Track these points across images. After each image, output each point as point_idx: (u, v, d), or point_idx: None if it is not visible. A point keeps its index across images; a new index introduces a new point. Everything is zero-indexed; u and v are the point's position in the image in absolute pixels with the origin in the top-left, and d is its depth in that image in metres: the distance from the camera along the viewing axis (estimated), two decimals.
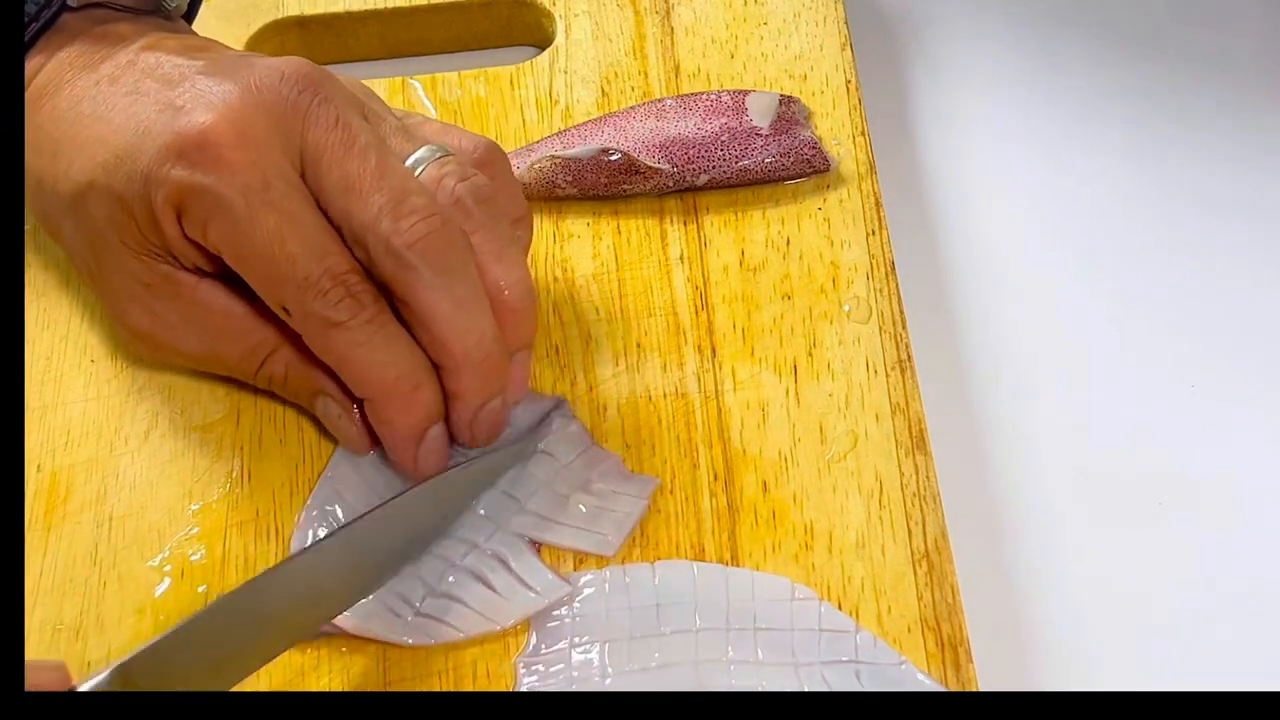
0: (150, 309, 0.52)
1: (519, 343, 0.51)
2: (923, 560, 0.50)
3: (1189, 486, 0.54)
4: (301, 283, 0.48)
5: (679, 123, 0.59)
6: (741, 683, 0.47)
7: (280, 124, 0.49)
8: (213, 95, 0.49)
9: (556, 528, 0.51)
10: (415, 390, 0.49)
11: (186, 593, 0.50)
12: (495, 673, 0.48)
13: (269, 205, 0.48)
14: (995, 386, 0.57)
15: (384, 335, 0.49)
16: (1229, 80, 0.66)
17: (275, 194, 0.48)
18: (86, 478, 0.53)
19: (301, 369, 0.52)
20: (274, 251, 0.48)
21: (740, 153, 0.58)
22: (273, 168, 0.48)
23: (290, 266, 0.48)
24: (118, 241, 0.51)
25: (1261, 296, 0.59)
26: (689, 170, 0.58)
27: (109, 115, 0.51)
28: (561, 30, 0.64)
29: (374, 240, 0.48)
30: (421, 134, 0.52)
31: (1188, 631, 0.51)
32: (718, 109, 0.59)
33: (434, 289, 0.48)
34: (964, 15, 0.69)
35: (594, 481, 0.52)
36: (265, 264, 0.48)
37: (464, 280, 0.49)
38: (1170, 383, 0.57)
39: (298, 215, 0.48)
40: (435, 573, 0.50)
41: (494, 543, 0.50)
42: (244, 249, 0.48)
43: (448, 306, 0.48)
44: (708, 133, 0.58)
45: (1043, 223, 0.62)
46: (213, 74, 0.50)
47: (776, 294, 0.56)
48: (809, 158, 0.58)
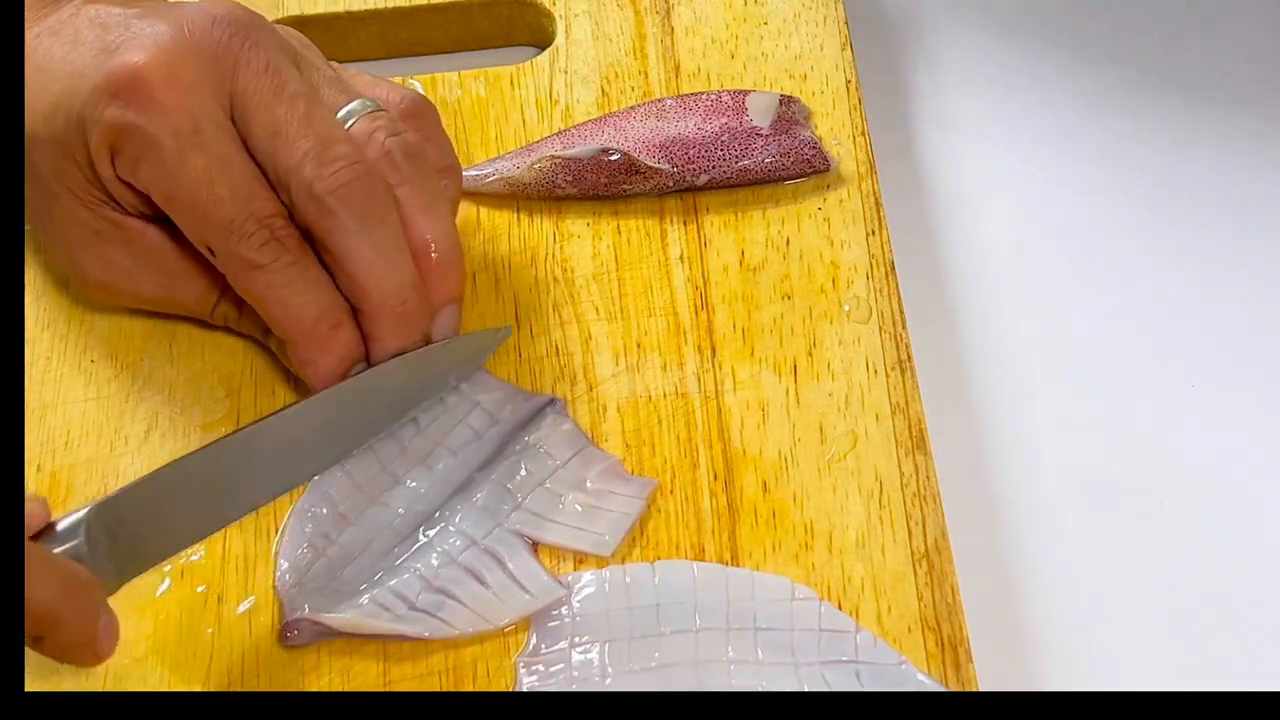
0: (102, 256, 0.53)
1: (445, 296, 0.52)
2: (923, 560, 0.50)
3: (1189, 487, 0.54)
4: (226, 225, 0.49)
5: (679, 123, 0.59)
6: (741, 683, 0.47)
7: (211, 66, 0.50)
8: (144, 37, 0.50)
9: (553, 526, 0.51)
10: (334, 330, 0.51)
11: (186, 593, 0.50)
12: (495, 673, 0.48)
13: (198, 148, 0.49)
14: (995, 386, 0.57)
15: (305, 278, 0.50)
16: (1230, 80, 0.66)
17: (204, 136, 0.49)
18: (86, 478, 0.53)
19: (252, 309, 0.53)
20: (201, 193, 0.49)
21: (740, 152, 0.58)
22: (203, 110, 0.49)
23: (216, 209, 0.49)
24: (64, 190, 0.52)
25: (1261, 297, 0.59)
26: (689, 170, 0.58)
27: (48, 66, 0.52)
28: (561, 30, 0.64)
29: (297, 185, 0.49)
30: (354, 87, 0.53)
31: (1188, 631, 0.51)
32: (718, 109, 0.59)
33: (354, 235, 0.50)
34: (964, 15, 0.69)
35: (590, 481, 0.52)
36: (192, 205, 0.49)
37: (384, 228, 0.50)
38: (1170, 383, 0.57)
39: (226, 158, 0.49)
40: (431, 568, 0.50)
41: (491, 540, 0.50)
42: (172, 190, 0.49)
43: (367, 252, 0.50)
44: (708, 133, 0.58)
45: (1043, 223, 0.62)
46: (145, 17, 0.51)
47: (776, 294, 0.56)
48: (809, 158, 0.58)
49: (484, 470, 0.52)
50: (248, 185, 0.49)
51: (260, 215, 0.49)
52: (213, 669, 0.49)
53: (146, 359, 0.56)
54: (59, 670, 0.49)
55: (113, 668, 0.49)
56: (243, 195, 0.49)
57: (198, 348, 0.56)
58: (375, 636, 0.49)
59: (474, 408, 0.53)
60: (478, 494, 0.51)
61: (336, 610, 0.49)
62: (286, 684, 0.48)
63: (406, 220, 0.51)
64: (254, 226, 0.49)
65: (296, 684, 0.49)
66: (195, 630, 0.50)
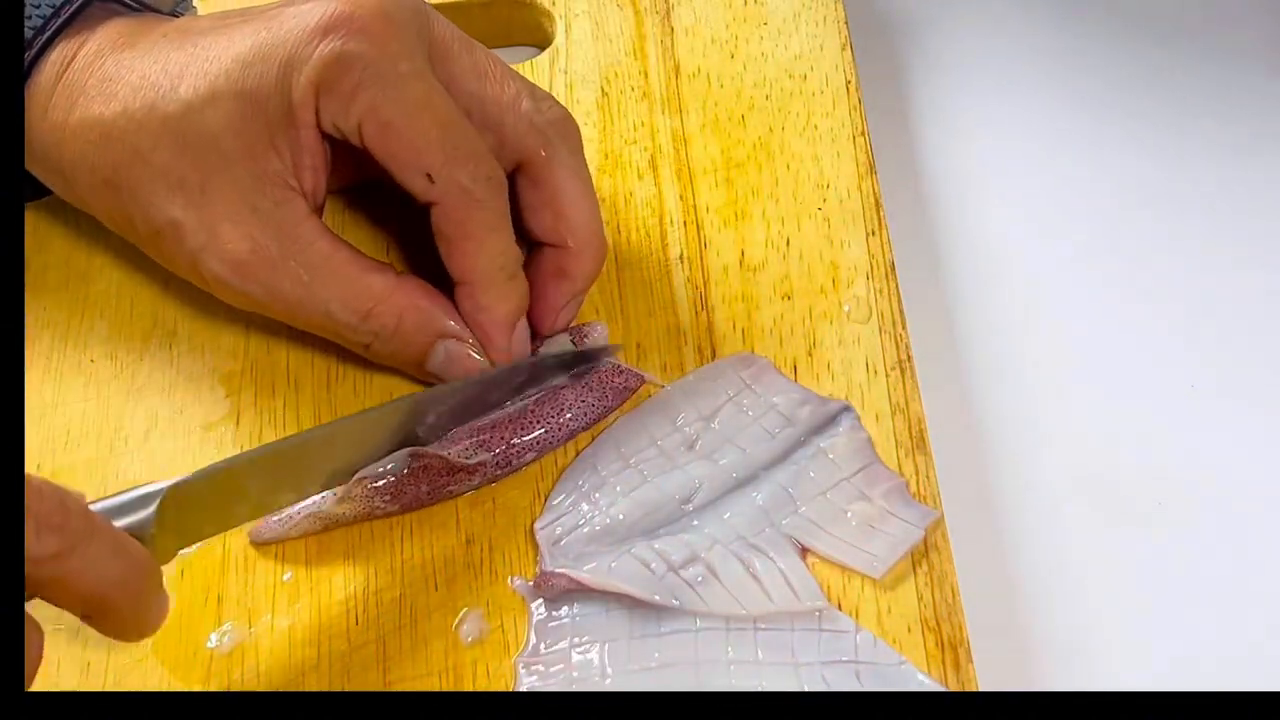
0: (251, 235, 0.50)
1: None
2: (923, 560, 0.50)
3: (1189, 486, 0.54)
4: (452, 151, 0.50)
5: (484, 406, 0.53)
6: (741, 683, 0.47)
7: (413, 16, 0.51)
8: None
9: (827, 537, 0.50)
10: (513, 280, 0.52)
11: (186, 593, 0.50)
12: (495, 673, 0.48)
13: (418, 75, 0.50)
14: (995, 386, 0.57)
15: (505, 222, 0.51)
16: (1230, 80, 0.66)
17: (421, 67, 0.50)
18: (86, 478, 0.53)
19: (417, 315, 0.52)
20: (425, 117, 0.50)
21: (556, 411, 0.53)
22: (416, 46, 0.51)
23: (441, 132, 0.50)
24: (239, 151, 0.50)
25: (1262, 296, 0.59)
26: (512, 451, 0.52)
27: (212, 42, 0.52)
28: (561, 30, 0.64)
29: (514, 118, 0.52)
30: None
31: (1187, 631, 0.51)
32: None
33: (569, 169, 0.53)
34: (964, 15, 0.69)
35: (874, 499, 0.51)
36: (416, 128, 0.50)
37: (586, 170, 0.54)
38: (1170, 383, 0.57)
39: (440, 91, 0.50)
40: (699, 544, 0.50)
41: (762, 539, 0.50)
42: (394, 113, 0.50)
43: (579, 186, 0.53)
44: (519, 407, 0.53)
45: (1043, 222, 0.62)
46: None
47: (776, 294, 0.56)
48: (621, 387, 0.54)
49: (770, 470, 0.52)
50: (464, 120, 0.51)
51: (480, 151, 0.50)
52: (213, 669, 0.49)
53: (146, 359, 0.56)
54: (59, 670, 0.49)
55: (113, 668, 0.49)
56: (463, 126, 0.50)
57: (198, 348, 0.56)
58: (624, 599, 0.48)
59: (769, 410, 0.53)
60: (758, 493, 0.51)
61: (593, 564, 0.49)
62: (287, 684, 0.49)
63: None
64: (477, 160, 0.50)
65: (297, 684, 0.49)
66: (195, 630, 0.50)
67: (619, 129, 0.61)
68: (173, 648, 0.49)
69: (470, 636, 0.49)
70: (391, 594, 0.50)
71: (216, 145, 0.50)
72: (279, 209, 0.50)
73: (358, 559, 0.51)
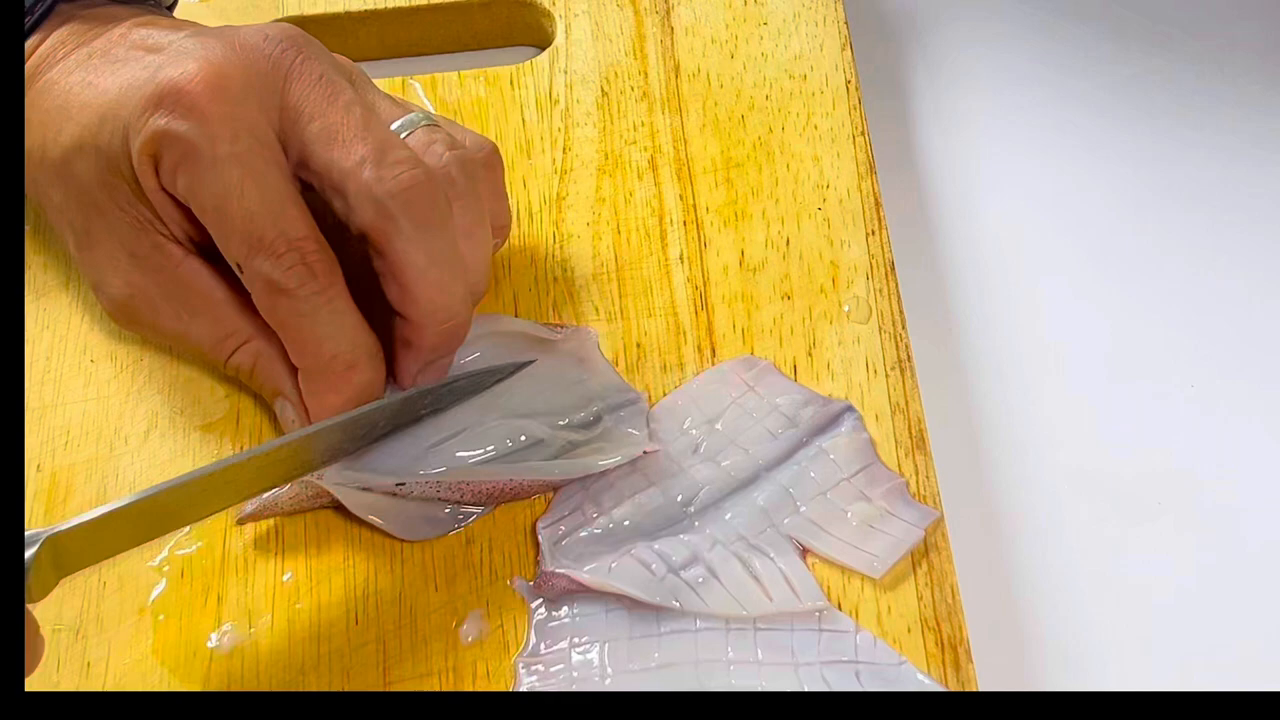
0: (130, 280, 0.52)
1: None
2: (922, 560, 0.50)
3: (1189, 486, 0.54)
4: (255, 241, 0.48)
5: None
6: (741, 683, 0.47)
7: (260, 80, 0.49)
8: (195, 51, 0.50)
9: (827, 538, 0.50)
10: (349, 371, 0.49)
11: (186, 593, 0.50)
12: (495, 673, 0.48)
13: (235, 158, 0.48)
14: (995, 386, 0.57)
15: (330, 309, 0.49)
16: (1230, 80, 0.66)
17: (242, 148, 0.48)
18: (86, 478, 0.53)
19: (268, 366, 0.52)
20: (233, 205, 0.48)
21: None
22: (244, 123, 0.48)
23: (246, 223, 0.48)
24: (108, 202, 0.51)
25: (1262, 297, 0.59)
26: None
27: (97, 82, 0.52)
28: (561, 30, 0.64)
29: (355, 187, 0.48)
30: (412, 106, 0.52)
31: (1187, 631, 0.51)
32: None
33: (411, 241, 0.48)
34: (964, 15, 0.69)
35: (874, 499, 0.51)
36: (223, 217, 0.48)
37: (442, 237, 0.49)
38: (1170, 383, 0.57)
39: (262, 173, 0.48)
40: (700, 545, 0.50)
41: (762, 540, 0.50)
42: (206, 198, 0.49)
43: (422, 260, 0.49)
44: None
45: (1043, 223, 0.62)
46: (197, 35, 0.51)
47: (776, 294, 0.56)
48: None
49: (771, 470, 0.52)
50: (282, 203, 0.48)
51: (291, 236, 0.48)
52: (213, 669, 0.49)
53: (146, 359, 0.56)
54: (59, 670, 0.49)
55: (113, 668, 0.49)
56: (275, 212, 0.48)
57: None
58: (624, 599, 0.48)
59: (772, 411, 0.53)
60: (759, 493, 0.51)
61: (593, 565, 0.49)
62: (287, 684, 0.49)
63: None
64: (284, 247, 0.48)
65: (297, 684, 0.49)
66: (195, 630, 0.50)
67: (619, 129, 0.61)
68: (173, 648, 0.49)
69: (470, 636, 0.49)
70: (391, 594, 0.50)
71: (91, 197, 0.52)
72: (156, 253, 0.52)
73: (358, 559, 0.51)
